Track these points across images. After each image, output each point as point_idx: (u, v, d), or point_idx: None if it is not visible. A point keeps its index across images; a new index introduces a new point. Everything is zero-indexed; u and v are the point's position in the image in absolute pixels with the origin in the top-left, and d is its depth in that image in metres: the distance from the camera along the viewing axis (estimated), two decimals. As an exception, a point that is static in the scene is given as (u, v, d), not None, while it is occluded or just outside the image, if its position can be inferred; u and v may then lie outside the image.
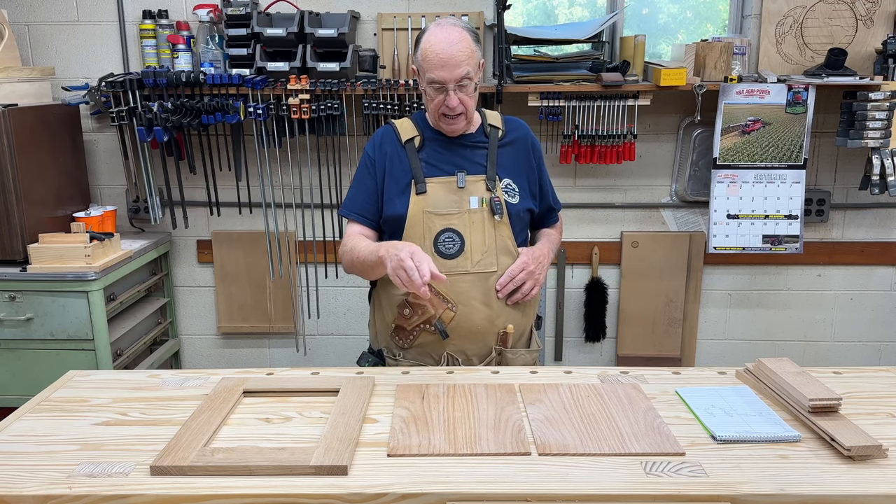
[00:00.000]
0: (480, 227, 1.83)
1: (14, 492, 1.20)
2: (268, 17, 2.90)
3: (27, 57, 3.06)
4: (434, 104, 1.81)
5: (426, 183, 1.83)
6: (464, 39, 1.75)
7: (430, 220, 1.81)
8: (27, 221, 2.66)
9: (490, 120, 1.94)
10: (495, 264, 1.84)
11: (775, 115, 2.86)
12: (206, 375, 1.67)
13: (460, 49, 1.74)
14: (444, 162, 1.87)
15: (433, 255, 1.80)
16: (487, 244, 1.83)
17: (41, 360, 2.68)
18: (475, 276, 1.82)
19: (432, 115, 1.86)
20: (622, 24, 3.16)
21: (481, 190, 1.85)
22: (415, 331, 1.84)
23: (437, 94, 1.79)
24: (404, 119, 1.96)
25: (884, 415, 1.47)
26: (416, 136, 1.89)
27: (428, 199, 1.83)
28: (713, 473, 1.24)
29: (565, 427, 1.40)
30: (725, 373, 1.70)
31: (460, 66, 1.74)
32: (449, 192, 1.84)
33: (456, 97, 1.77)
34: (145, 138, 2.82)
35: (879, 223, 3.20)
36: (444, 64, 1.74)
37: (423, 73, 1.79)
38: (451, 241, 1.82)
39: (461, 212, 1.82)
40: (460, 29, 1.77)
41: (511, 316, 1.87)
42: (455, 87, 1.76)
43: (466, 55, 1.75)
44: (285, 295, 3.27)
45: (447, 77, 1.75)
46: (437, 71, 1.75)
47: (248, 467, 1.24)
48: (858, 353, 3.35)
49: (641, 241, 3.19)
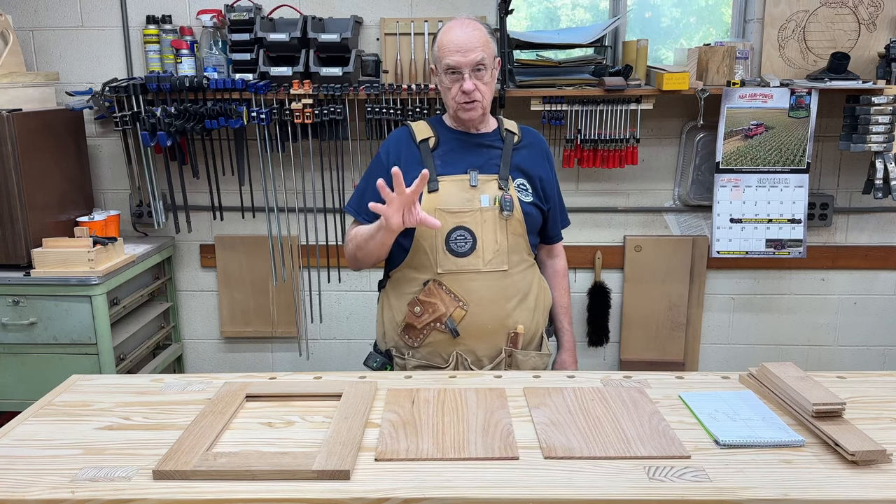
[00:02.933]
0: (492, 225, 1.84)
1: (17, 496, 1.20)
2: (271, 21, 2.91)
3: (31, 62, 3.07)
4: (451, 93, 1.83)
5: (438, 181, 1.84)
6: (479, 29, 1.80)
7: (442, 218, 1.81)
8: (31, 226, 2.66)
9: (507, 125, 1.97)
10: (506, 263, 1.84)
11: (778, 119, 2.86)
12: (209, 380, 1.67)
13: (476, 36, 1.78)
14: (458, 160, 1.88)
15: (444, 253, 1.82)
16: (499, 242, 1.84)
17: (44, 364, 2.68)
18: (486, 274, 1.83)
19: (450, 105, 1.87)
20: (625, 28, 3.16)
21: (493, 189, 1.85)
22: (425, 329, 1.85)
23: (453, 83, 1.81)
24: (421, 121, 1.98)
25: (888, 419, 1.47)
26: (430, 137, 1.91)
27: (440, 196, 1.83)
28: (717, 479, 1.23)
29: (570, 431, 1.40)
30: (729, 377, 1.69)
31: (475, 51, 1.77)
32: (461, 190, 1.84)
33: (471, 81, 1.79)
34: (149, 143, 2.83)
35: (883, 227, 3.20)
36: (459, 48, 1.77)
37: (440, 63, 1.82)
38: (463, 240, 1.83)
39: (473, 210, 1.83)
40: (476, 22, 1.83)
41: (522, 316, 1.88)
42: (470, 73, 1.79)
43: (482, 42, 1.79)
44: (288, 299, 3.28)
45: (462, 61, 1.77)
46: (452, 56, 1.78)
47: (250, 472, 1.24)
48: (862, 357, 3.34)
49: (644, 245, 3.19)
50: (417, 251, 1.86)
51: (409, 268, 1.88)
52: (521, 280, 1.89)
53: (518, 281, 1.88)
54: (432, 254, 1.84)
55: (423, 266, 1.86)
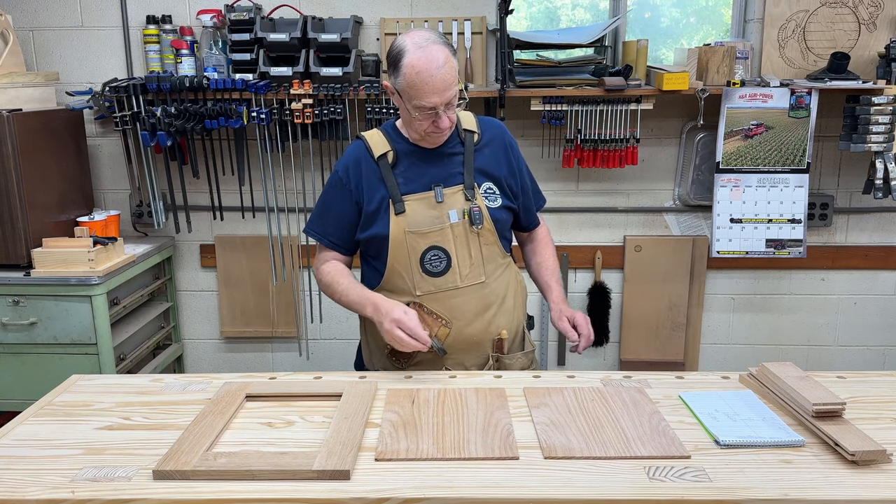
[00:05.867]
0: (464, 240, 1.80)
1: (17, 496, 1.20)
2: (271, 22, 2.91)
3: (31, 62, 3.07)
4: (422, 126, 1.74)
5: (404, 202, 1.79)
6: (448, 60, 1.68)
7: (414, 241, 1.78)
8: (31, 226, 2.66)
9: (465, 124, 1.88)
10: (483, 274, 1.82)
11: (778, 119, 2.86)
12: (209, 380, 1.67)
13: (447, 72, 1.67)
14: (420, 176, 1.82)
15: (420, 275, 1.79)
16: (474, 256, 1.81)
17: (44, 364, 2.68)
18: (465, 289, 1.80)
19: (415, 130, 1.78)
20: (625, 28, 3.16)
21: (460, 201, 1.80)
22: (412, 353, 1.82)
23: (426, 118, 1.72)
24: (374, 132, 1.88)
25: (888, 419, 1.47)
26: (388, 151, 1.82)
27: (408, 218, 1.78)
28: (717, 479, 1.24)
29: (570, 431, 1.40)
30: (729, 377, 1.69)
31: (449, 89, 1.68)
32: (428, 208, 1.80)
33: (446, 117, 1.72)
34: (149, 143, 2.83)
35: (883, 227, 3.20)
36: (434, 90, 1.67)
37: (409, 99, 1.70)
38: (438, 259, 1.79)
39: (443, 227, 1.79)
40: (441, 47, 1.68)
41: (503, 321, 1.86)
42: (444, 109, 1.70)
43: (453, 76, 1.69)
44: (288, 299, 3.28)
45: (439, 102, 1.68)
46: (428, 98, 1.67)
47: (250, 472, 1.24)
48: (862, 357, 3.34)
49: (644, 245, 3.19)
50: (392, 274, 1.81)
51: (386, 290, 1.83)
52: (498, 286, 1.86)
53: (496, 288, 1.85)
54: (408, 276, 1.80)
55: (401, 289, 1.81)
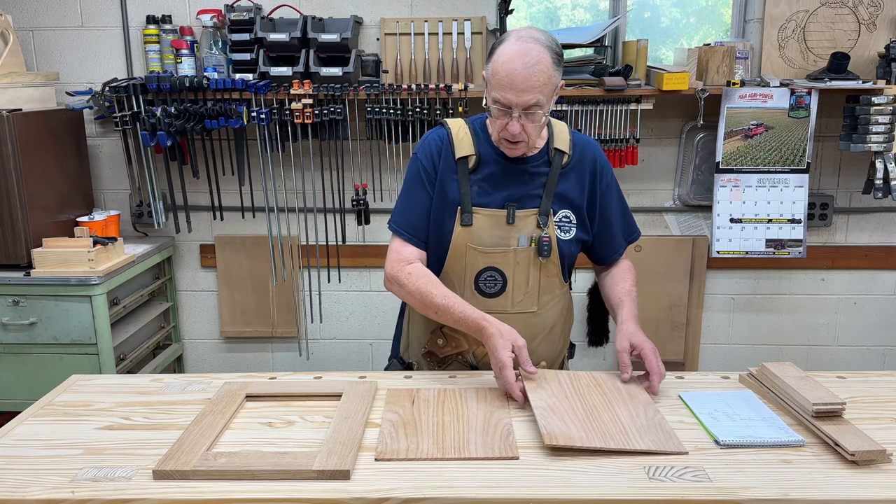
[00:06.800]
0: (525, 267, 1.70)
1: (17, 496, 1.20)
2: (271, 22, 2.91)
3: (31, 62, 3.07)
4: (496, 126, 1.61)
5: (473, 213, 1.67)
6: (542, 61, 1.51)
7: (474, 257, 1.69)
8: (31, 226, 2.66)
9: (557, 141, 1.72)
10: (536, 304, 1.74)
11: (778, 119, 2.86)
12: (209, 380, 1.67)
13: (535, 72, 1.50)
14: (497, 189, 1.69)
15: (472, 291, 1.72)
16: (531, 285, 1.72)
17: (44, 364, 2.68)
18: (514, 315, 1.71)
19: (492, 132, 1.66)
20: (625, 28, 3.16)
21: (531, 226, 1.69)
22: (447, 359, 1.80)
23: (500, 116, 1.58)
24: (460, 124, 1.73)
25: (888, 419, 1.47)
26: (471, 155, 1.69)
27: (473, 231, 1.68)
28: (717, 478, 1.23)
29: (568, 417, 1.41)
30: (729, 377, 1.69)
31: (530, 92, 1.51)
32: (495, 226, 1.68)
33: (519, 124, 1.55)
34: (149, 143, 2.83)
35: (883, 227, 3.20)
36: (512, 85, 1.51)
37: (490, 89, 1.57)
38: (493, 281, 1.71)
39: (507, 250, 1.68)
40: (541, 48, 1.52)
41: (546, 351, 1.79)
42: (521, 114, 1.55)
43: (541, 81, 1.51)
44: (288, 299, 3.28)
45: (513, 100, 1.53)
46: (503, 91, 1.52)
47: (250, 472, 1.24)
48: (862, 357, 3.34)
49: (644, 245, 3.19)
50: (444, 279, 1.72)
51: None
52: (549, 317, 1.79)
53: (546, 318, 1.78)
54: (459, 288, 1.72)
55: None
